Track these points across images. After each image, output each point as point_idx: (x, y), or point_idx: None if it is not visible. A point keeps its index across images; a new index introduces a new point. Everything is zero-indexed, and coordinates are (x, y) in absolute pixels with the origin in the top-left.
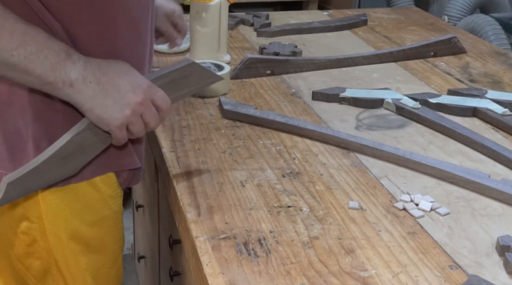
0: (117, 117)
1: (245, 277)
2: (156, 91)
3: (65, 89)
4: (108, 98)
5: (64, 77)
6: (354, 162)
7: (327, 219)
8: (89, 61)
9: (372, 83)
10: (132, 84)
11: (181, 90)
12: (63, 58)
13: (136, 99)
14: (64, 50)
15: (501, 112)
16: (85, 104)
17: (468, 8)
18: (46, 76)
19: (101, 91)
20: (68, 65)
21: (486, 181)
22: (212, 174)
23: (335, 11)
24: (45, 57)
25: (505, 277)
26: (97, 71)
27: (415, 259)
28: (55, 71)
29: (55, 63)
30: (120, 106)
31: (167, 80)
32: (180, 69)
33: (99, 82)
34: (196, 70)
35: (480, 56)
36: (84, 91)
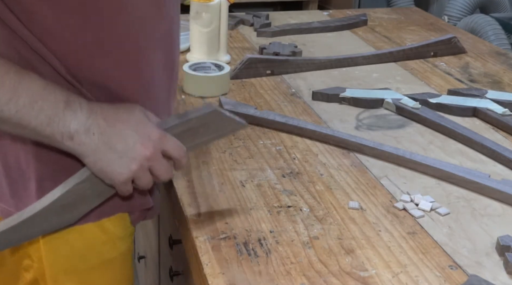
0: (122, 172)
1: (245, 277)
2: (168, 141)
3: (64, 142)
4: (113, 152)
5: (62, 129)
6: (354, 162)
7: (327, 219)
8: (93, 109)
9: (372, 83)
10: (141, 135)
11: (198, 138)
12: (61, 108)
13: (145, 153)
14: (62, 99)
15: (501, 112)
16: (87, 156)
17: (468, 8)
18: (42, 129)
19: (105, 143)
20: (68, 116)
21: (486, 181)
22: (212, 174)
23: (335, 11)
24: (40, 109)
25: (505, 277)
26: (102, 121)
27: (415, 259)
28: (52, 123)
29: (51, 115)
30: (126, 160)
31: (183, 128)
32: (199, 117)
33: (104, 133)
34: (217, 118)
35: (480, 56)
36: (86, 143)
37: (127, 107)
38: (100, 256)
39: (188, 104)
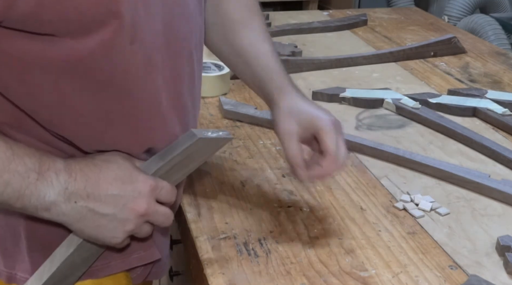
0: (115, 236)
1: (245, 277)
2: (160, 190)
3: (39, 214)
4: (101, 218)
5: (35, 202)
6: (354, 162)
7: (327, 219)
8: (71, 174)
9: (372, 83)
10: (131, 193)
11: (185, 169)
12: (32, 180)
13: (139, 211)
14: (34, 169)
15: (501, 112)
16: (72, 225)
17: (468, 8)
18: (11, 203)
19: (91, 210)
20: (42, 188)
21: (486, 181)
22: (212, 174)
23: (335, 11)
24: (6, 184)
25: (505, 277)
26: (83, 188)
27: (415, 259)
28: (22, 198)
29: (20, 189)
30: (118, 223)
31: (168, 167)
32: (183, 151)
33: (88, 199)
34: (202, 144)
35: (480, 56)
36: (67, 213)
37: (108, 160)
38: None
39: None
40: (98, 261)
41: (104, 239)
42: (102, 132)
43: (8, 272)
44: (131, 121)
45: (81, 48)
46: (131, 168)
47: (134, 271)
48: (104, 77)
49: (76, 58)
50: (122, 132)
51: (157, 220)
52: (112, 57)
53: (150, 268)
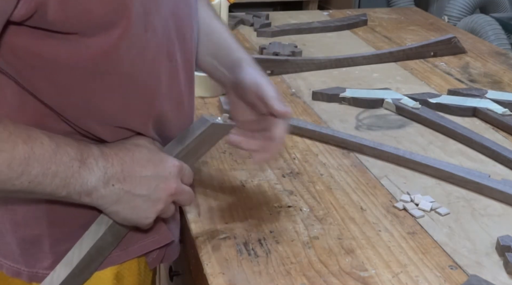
0: (148, 216)
1: (245, 277)
2: (185, 171)
3: (81, 200)
4: (136, 198)
5: (79, 189)
6: (354, 162)
7: (327, 219)
8: (108, 159)
9: (372, 83)
10: (162, 174)
11: (199, 154)
12: (76, 168)
13: (170, 191)
14: (76, 158)
15: (501, 112)
16: (108, 207)
17: (468, 8)
18: (58, 193)
19: (127, 192)
20: (84, 175)
21: (486, 181)
22: (212, 174)
23: (335, 11)
24: (53, 175)
25: (505, 277)
26: (120, 171)
27: (415, 259)
28: (68, 186)
29: (66, 178)
30: (151, 203)
31: (187, 151)
32: (199, 135)
33: (124, 182)
34: (214, 129)
35: (480, 56)
36: (106, 196)
37: (137, 144)
38: None
39: None
40: (117, 248)
41: (137, 220)
42: (123, 122)
43: (29, 271)
44: (149, 110)
45: (105, 44)
46: (159, 151)
47: (149, 255)
48: (124, 68)
49: (102, 55)
50: (142, 122)
51: (183, 199)
52: (130, 47)
53: (164, 251)
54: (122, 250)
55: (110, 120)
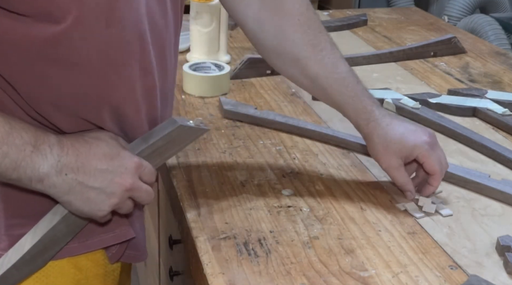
0: (101, 209)
1: (245, 277)
2: (144, 169)
3: (33, 185)
4: (89, 190)
5: (30, 174)
6: (354, 162)
7: (327, 219)
8: (64, 148)
9: (372, 83)
10: (118, 169)
11: (165, 155)
12: (28, 153)
13: (125, 186)
14: (30, 142)
15: (501, 112)
16: (61, 196)
17: (468, 8)
18: (8, 174)
19: (80, 183)
20: (36, 160)
21: (486, 181)
22: (212, 174)
23: (335, 11)
24: (4, 155)
25: (505, 277)
26: (74, 162)
27: (415, 259)
28: (18, 168)
29: (17, 160)
30: (105, 196)
31: (151, 150)
32: (165, 136)
33: (78, 172)
34: (182, 132)
35: (480, 56)
36: (58, 185)
37: (97, 138)
38: None
39: (188, 104)
40: (75, 239)
41: (90, 212)
42: (79, 113)
43: None
44: (106, 105)
45: (57, 28)
46: (119, 146)
47: (109, 250)
48: (81, 58)
49: (54, 41)
50: (98, 115)
51: (140, 196)
52: (87, 38)
53: (125, 248)
54: (80, 242)
55: (64, 108)
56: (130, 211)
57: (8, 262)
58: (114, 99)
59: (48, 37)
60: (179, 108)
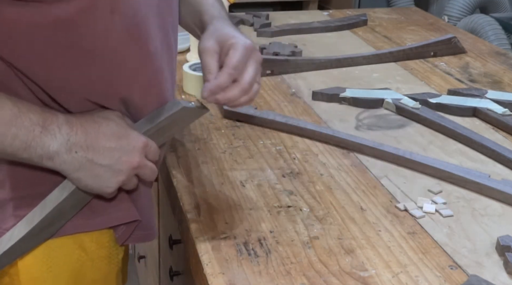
0: (110, 185)
1: (245, 277)
2: (150, 148)
3: (43, 163)
4: (98, 168)
5: (41, 152)
6: (354, 162)
7: (327, 219)
8: (73, 128)
9: (372, 83)
10: (125, 147)
11: (167, 134)
12: (37, 133)
13: (132, 164)
14: (39, 123)
15: (501, 112)
16: (71, 173)
17: (468, 8)
18: (19, 154)
19: (89, 160)
20: (46, 140)
21: (486, 181)
22: (212, 174)
23: (335, 11)
24: (13, 137)
25: (505, 277)
26: (83, 140)
27: (415, 259)
28: (28, 148)
29: (27, 141)
30: (113, 173)
31: (156, 129)
32: (169, 116)
33: (87, 151)
34: (184, 112)
35: (480, 56)
36: (68, 162)
37: (106, 117)
38: (80, 277)
39: None
40: (80, 216)
41: (99, 188)
42: (88, 96)
43: None
44: (114, 89)
45: (63, 13)
46: (126, 126)
47: (117, 230)
48: (86, 44)
49: (62, 25)
50: (106, 98)
51: (145, 173)
52: (92, 25)
53: (133, 229)
54: (85, 219)
55: (73, 93)
56: (135, 187)
57: (17, 235)
58: (122, 83)
59: (54, 24)
60: None
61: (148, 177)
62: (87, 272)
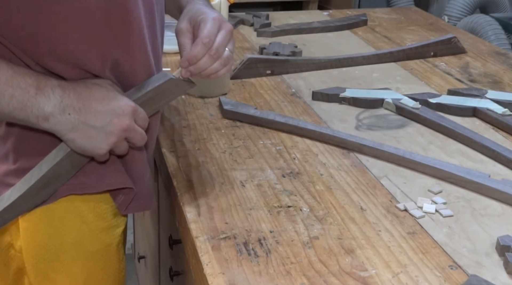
0: (101, 146)
1: (245, 277)
2: (139, 114)
3: (39, 124)
4: (91, 129)
5: (36, 113)
6: (354, 162)
7: (327, 219)
8: (65, 90)
9: (372, 83)
10: (116, 110)
11: (156, 105)
12: (33, 94)
13: (122, 126)
14: (33, 85)
15: (501, 112)
16: (65, 134)
17: (468, 8)
18: (16, 114)
19: (82, 122)
20: (41, 101)
21: (486, 181)
22: (212, 174)
23: (335, 11)
24: (10, 97)
25: (505, 277)
26: (76, 102)
27: (415, 259)
28: (25, 108)
29: (23, 101)
30: (104, 135)
31: (144, 99)
32: (157, 87)
33: (80, 113)
34: (174, 84)
35: (480, 56)
36: (62, 123)
37: (97, 84)
38: (79, 247)
39: (188, 104)
40: (76, 180)
41: (91, 149)
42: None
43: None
44: (106, 57)
45: None
46: (117, 92)
47: (116, 199)
48: (78, 12)
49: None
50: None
51: (134, 137)
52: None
53: (131, 198)
54: (81, 182)
55: (67, 61)
56: (126, 152)
57: (17, 192)
58: (106, 44)
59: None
60: (179, 108)
61: (137, 141)
62: (88, 243)
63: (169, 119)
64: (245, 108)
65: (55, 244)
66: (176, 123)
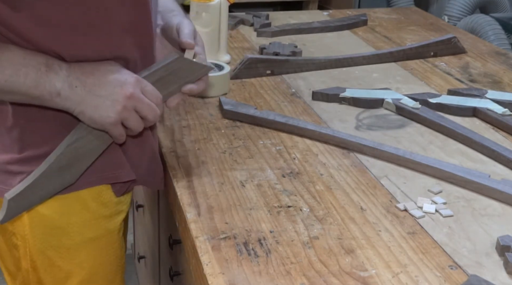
0: (109, 115)
1: (245, 277)
2: (145, 85)
3: (53, 100)
4: (97, 98)
5: (49, 88)
6: (354, 162)
7: (327, 219)
8: (70, 66)
9: (372, 83)
10: (119, 80)
11: (170, 86)
12: (44, 71)
13: (125, 94)
14: (43, 63)
15: (501, 112)
16: (75, 108)
17: (468, 8)
18: (32, 92)
19: (88, 93)
20: (51, 77)
21: (486, 181)
22: (212, 174)
23: (335, 11)
24: (25, 75)
25: (505, 277)
26: (80, 75)
27: (415, 259)
28: (39, 85)
29: (37, 79)
30: (110, 103)
31: (154, 79)
32: (166, 65)
33: (85, 85)
34: (184, 64)
35: (480, 56)
36: (71, 97)
37: (103, 62)
38: (83, 233)
39: (188, 104)
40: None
41: (100, 119)
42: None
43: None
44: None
45: None
46: (121, 68)
47: (114, 186)
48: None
49: None
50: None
51: (143, 108)
52: None
53: (128, 185)
54: (85, 179)
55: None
56: (140, 128)
57: (38, 171)
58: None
59: None
60: (179, 108)
61: (146, 113)
62: (91, 230)
63: (169, 119)
64: (245, 108)
65: (60, 231)
66: (176, 123)
